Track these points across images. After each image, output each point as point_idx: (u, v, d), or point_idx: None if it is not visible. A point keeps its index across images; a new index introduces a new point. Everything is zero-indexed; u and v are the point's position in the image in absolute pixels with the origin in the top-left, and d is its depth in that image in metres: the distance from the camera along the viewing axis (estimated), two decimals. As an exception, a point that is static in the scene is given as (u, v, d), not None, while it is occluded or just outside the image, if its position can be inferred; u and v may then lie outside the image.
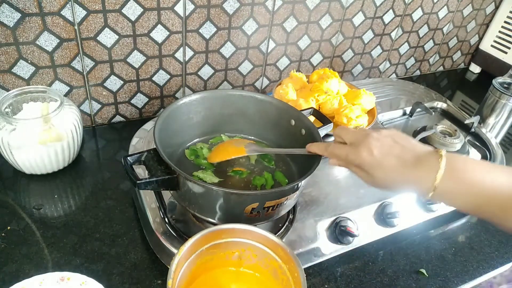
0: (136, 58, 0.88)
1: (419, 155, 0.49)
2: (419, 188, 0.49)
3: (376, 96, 0.98)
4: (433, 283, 0.69)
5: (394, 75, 1.33)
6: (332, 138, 0.89)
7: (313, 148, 0.61)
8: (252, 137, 0.78)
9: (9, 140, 0.69)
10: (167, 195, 0.70)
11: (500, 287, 0.38)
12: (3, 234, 0.66)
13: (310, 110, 0.78)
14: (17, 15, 0.73)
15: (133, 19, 0.82)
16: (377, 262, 0.72)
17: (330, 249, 0.69)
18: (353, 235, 0.69)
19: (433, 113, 1.06)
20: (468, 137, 0.97)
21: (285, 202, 0.60)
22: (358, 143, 0.52)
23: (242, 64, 1.02)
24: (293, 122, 0.75)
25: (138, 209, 0.71)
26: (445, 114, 1.11)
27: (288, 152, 0.73)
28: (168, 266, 0.48)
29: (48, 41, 0.78)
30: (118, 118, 0.96)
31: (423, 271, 0.70)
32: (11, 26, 0.74)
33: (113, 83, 0.90)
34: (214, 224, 0.58)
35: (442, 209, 0.80)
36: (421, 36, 1.26)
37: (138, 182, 0.57)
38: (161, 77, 0.94)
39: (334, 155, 0.56)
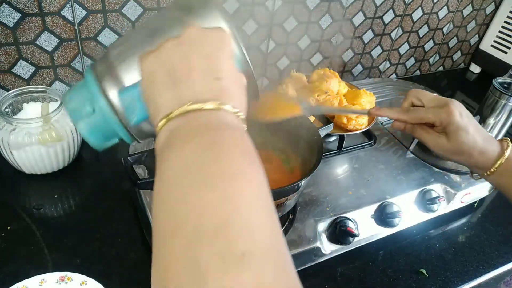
0: (136, 58, 0.88)
1: (490, 136, 0.56)
2: (485, 161, 0.54)
3: (376, 96, 0.98)
4: (433, 283, 0.69)
5: (394, 75, 1.33)
6: (332, 138, 0.90)
7: (386, 112, 0.60)
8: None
9: (9, 140, 0.69)
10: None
11: None
12: (3, 234, 0.66)
13: (310, 110, 0.78)
14: (17, 15, 0.73)
15: (133, 19, 0.82)
16: (377, 262, 0.72)
17: (330, 249, 0.69)
18: (353, 235, 0.69)
19: (433, 113, 1.06)
20: (468, 137, 0.97)
21: (285, 203, 0.60)
22: (446, 104, 0.54)
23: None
24: (293, 122, 0.74)
25: (138, 209, 0.71)
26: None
27: (344, 112, 0.69)
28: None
29: (48, 41, 0.78)
30: (118, 118, 0.96)
31: (423, 271, 0.70)
32: (11, 26, 0.74)
33: (113, 83, 0.90)
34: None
35: (442, 209, 0.80)
36: (421, 36, 1.26)
37: (138, 182, 0.57)
38: (161, 77, 0.94)
39: (418, 118, 0.57)
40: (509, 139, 0.55)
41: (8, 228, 0.67)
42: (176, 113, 0.31)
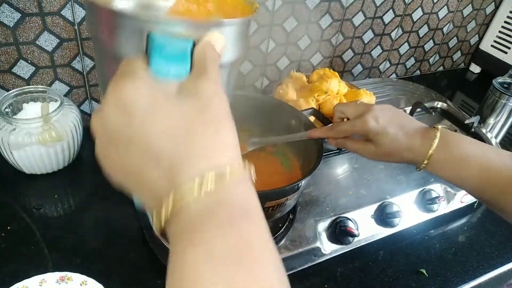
0: (136, 58, 0.88)
1: (418, 127, 0.55)
2: (416, 157, 0.54)
3: (376, 96, 0.98)
4: (433, 283, 0.69)
5: (394, 75, 1.33)
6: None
7: (316, 133, 0.62)
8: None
9: (9, 140, 0.69)
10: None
11: None
12: (3, 234, 0.66)
13: (310, 110, 0.78)
14: (17, 15, 0.73)
15: (133, 19, 0.82)
16: (377, 262, 0.72)
17: (330, 249, 0.69)
18: (353, 235, 0.69)
19: (433, 113, 1.06)
20: (468, 137, 0.97)
21: (285, 203, 0.60)
22: (363, 113, 0.56)
23: (242, 64, 1.02)
24: (293, 122, 0.75)
25: (138, 209, 0.71)
26: (445, 114, 1.10)
27: (288, 139, 0.72)
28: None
29: (48, 41, 0.78)
30: (118, 118, 0.96)
31: (423, 271, 0.70)
32: (11, 26, 0.74)
33: (113, 83, 0.90)
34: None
35: (442, 209, 0.80)
36: (421, 36, 1.26)
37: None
38: (161, 77, 0.94)
39: (341, 131, 0.59)
40: (437, 128, 0.54)
41: (8, 228, 0.67)
42: (158, 227, 0.26)
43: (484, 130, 1.02)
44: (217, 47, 0.28)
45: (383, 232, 0.74)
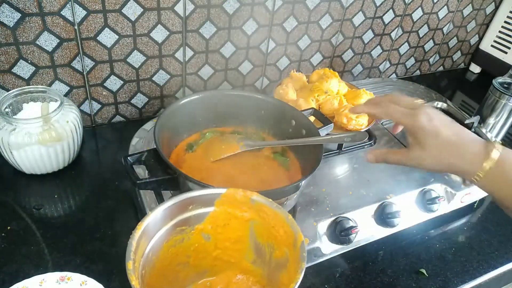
0: (136, 58, 0.88)
1: (476, 138, 0.50)
2: (468, 167, 0.49)
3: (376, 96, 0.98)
4: (433, 283, 0.69)
5: (394, 75, 1.33)
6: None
7: (357, 109, 0.58)
8: (253, 138, 0.78)
9: (9, 140, 0.69)
10: (167, 195, 0.70)
11: None
12: (3, 234, 0.66)
13: (310, 110, 0.78)
14: (17, 15, 0.73)
15: (133, 19, 0.82)
16: (377, 262, 0.72)
17: (330, 249, 0.69)
18: (353, 235, 0.69)
19: (433, 113, 1.06)
20: (468, 137, 0.97)
21: (285, 203, 0.60)
22: (416, 109, 0.51)
23: (242, 64, 1.02)
24: (293, 122, 0.75)
25: (138, 209, 0.71)
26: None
27: (280, 144, 0.72)
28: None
29: (48, 41, 0.78)
30: (118, 118, 0.96)
31: (423, 271, 0.70)
32: (11, 26, 0.74)
33: (113, 83, 0.90)
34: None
35: (442, 209, 0.80)
36: (421, 36, 1.26)
37: (138, 182, 0.57)
38: (161, 77, 0.94)
39: (387, 112, 0.54)
40: (497, 142, 0.50)
41: (8, 228, 0.67)
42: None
43: (484, 130, 1.02)
44: None
45: (383, 232, 0.74)
